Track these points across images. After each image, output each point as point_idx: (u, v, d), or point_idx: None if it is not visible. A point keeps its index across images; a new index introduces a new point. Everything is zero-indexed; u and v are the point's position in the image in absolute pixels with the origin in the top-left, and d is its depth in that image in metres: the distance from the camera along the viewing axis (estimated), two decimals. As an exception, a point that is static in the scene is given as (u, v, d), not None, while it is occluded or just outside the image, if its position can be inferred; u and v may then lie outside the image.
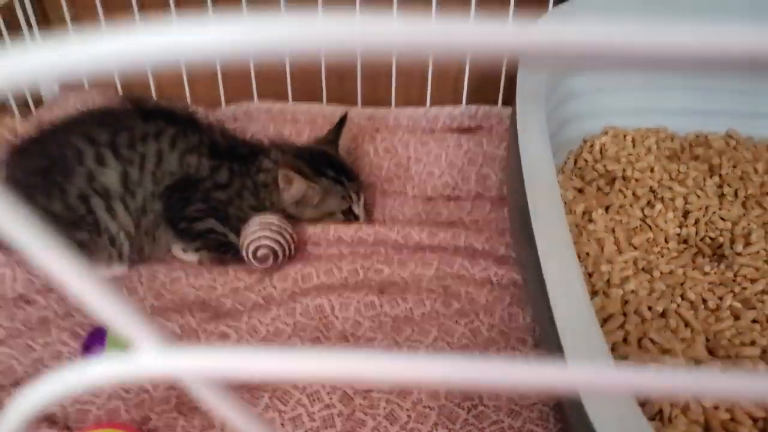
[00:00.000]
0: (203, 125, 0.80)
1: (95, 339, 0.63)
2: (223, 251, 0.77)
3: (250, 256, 0.74)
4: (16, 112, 0.89)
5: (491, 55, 0.11)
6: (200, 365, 0.13)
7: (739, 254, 0.69)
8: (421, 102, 0.96)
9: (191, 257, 0.78)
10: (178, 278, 0.75)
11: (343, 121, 0.84)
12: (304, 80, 0.96)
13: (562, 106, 0.82)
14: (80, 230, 0.72)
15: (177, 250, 0.78)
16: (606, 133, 0.83)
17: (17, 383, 0.62)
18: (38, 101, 0.94)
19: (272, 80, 0.96)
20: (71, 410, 0.59)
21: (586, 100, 0.83)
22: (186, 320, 0.69)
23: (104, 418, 0.58)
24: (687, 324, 0.60)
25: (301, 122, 0.93)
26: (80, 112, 0.81)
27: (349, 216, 0.81)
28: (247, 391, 0.61)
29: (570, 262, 0.46)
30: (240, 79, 0.96)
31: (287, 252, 0.75)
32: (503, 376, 0.14)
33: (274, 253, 0.74)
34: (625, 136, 0.83)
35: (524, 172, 0.55)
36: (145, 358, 0.12)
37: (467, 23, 0.10)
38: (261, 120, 0.93)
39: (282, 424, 0.58)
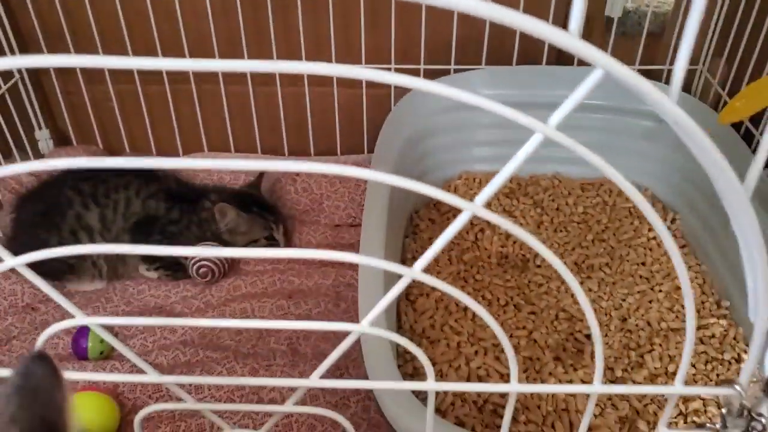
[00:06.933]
0: (161, 175, 1.09)
1: (80, 335, 0.91)
2: (175, 270, 1.05)
3: (194, 273, 1.02)
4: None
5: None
6: None
7: (537, 266, 0.97)
8: (333, 151, 1.24)
9: (152, 275, 1.06)
10: (143, 290, 1.03)
11: (263, 172, 1.13)
12: (243, 135, 1.24)
13: (427, 157, 1.10)
14: (70, 257, 1.00)
15: (142, 269, 1.06)
16: (460, 177, 1.12)
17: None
18: (37, 155, 1.22)
19: (218, 135, 1.25)
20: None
21: (447, 153, 1.12)
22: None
23: (88, 387, 0.86)
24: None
25: (240, 170, 1.21)
26: (69, 168, 1.09)
27: (272, 241, 1.10)
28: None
29: (378, 273, 0.74)
30: (193, 134, 1.24)
31: (222, 269, 1.03)
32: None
33: (212, 270, 1.02)
34: (474, 179, 1.11)
35: (365, 205, 0.84)
36: None
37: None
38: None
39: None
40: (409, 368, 0.78)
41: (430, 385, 0.37)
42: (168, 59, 0.29)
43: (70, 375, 0.40)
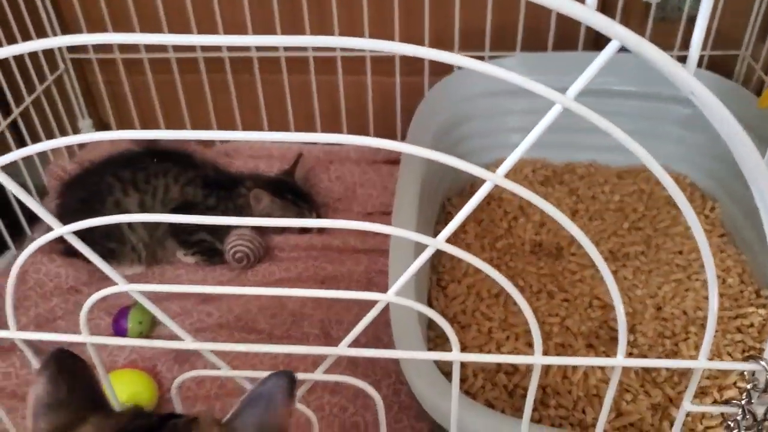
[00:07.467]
0: (199, 163, 1.11)
1: (120, 315, 0.93)
2: (212, 255, 1.07)
3: (231, 258, 1.04)
4: (65, 153, 1.21)
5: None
6: None
7: (572, 254, 0.97)
8: (367, 139, 1.25)
9: (189, 260, 1.08)
10: (180, 275, 1.06)
11: (298, 158, 1.14)
12: (277, 123, 1.26)
13: (461, 143, 1.10)
14: (111, 241, 1.03)
15: (180, 254, 1.08)
16: (496, 164, 1.12)
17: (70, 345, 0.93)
18: (80, 144, 1.26)
19: (253, 124, 1.27)
20: (107, 360, 0.89)
21: (481, 140, 1.12)
22: (184, 303, 0.99)
23: (128, 365, 0.89)
24: (515, 303, 0.88)
25: (275, 157, 1.23)
26: (110, 155, 1.12)
27: (305, 228, 1.11)
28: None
29: (408, 250, 0.75)
30: (229, 123, 1.27)
31: (258, 255, 1.05)
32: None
33: (248, 256, 1.04)
34: (509, 167, 1.11)
35: (397, 191, 0.85)
36: None
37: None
38: (244, 156, 1.23)
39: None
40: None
41: (455, 355, 0.38)
42: (201, 36, 0.30)
43: (113, 341, 0.42)
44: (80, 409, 0.35)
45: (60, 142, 0.34)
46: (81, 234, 0.42)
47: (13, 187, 0.35)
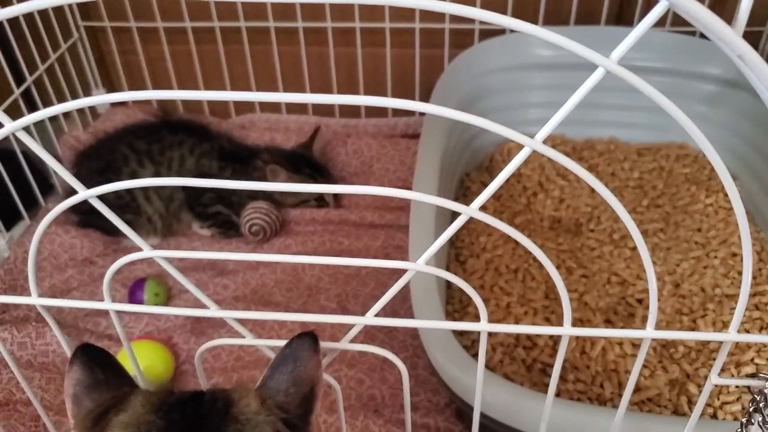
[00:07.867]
0: (214, 134, 1.10)
1: (136, 287, 0.93)
2: (228, 228, 1.07)
3: (247, 231, 1.03)
4: (79, 124, 1.20)
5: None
6: None
7: (591, 231, 0.96)
8: (384, 113, 1.24)
9: (205, 232, 1.08)
10: (196, 247, 1.06)
11: (316, 131, 1.13)
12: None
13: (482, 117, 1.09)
14: (126, 212, 1.02)
15: (195, 227, 1.08)
16: (513, 139, 1.10)
17: (87, 315, 0.93)
18: (94, 114, 1.25)
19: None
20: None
21: (501, 114, 1.10)
22: (200, 276, 0.99)
23: (144, 337, 0.89)
24: (533, 278, 0.87)
25: (291, 130, 1.22)
26: (126, 125, 1.11)
27: (321, 202, 1.10)
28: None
29: (429, 220, 0.74)
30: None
31: (274, 228, 1.04)
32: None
33: (264, 229, 1.03)
34: (527, 142, 1.09)
35: (416, 168, 0.84)
36: None
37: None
38: (260, 128, 1.22)
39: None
40: (457, 327, 0.78)
41: (483, 325, 0.38)
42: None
43: (135, 308, 0.42)
44: (119, 387, 0.38)
45: (73, 104, 0.33)
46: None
47: (36, 148, 0.34)
